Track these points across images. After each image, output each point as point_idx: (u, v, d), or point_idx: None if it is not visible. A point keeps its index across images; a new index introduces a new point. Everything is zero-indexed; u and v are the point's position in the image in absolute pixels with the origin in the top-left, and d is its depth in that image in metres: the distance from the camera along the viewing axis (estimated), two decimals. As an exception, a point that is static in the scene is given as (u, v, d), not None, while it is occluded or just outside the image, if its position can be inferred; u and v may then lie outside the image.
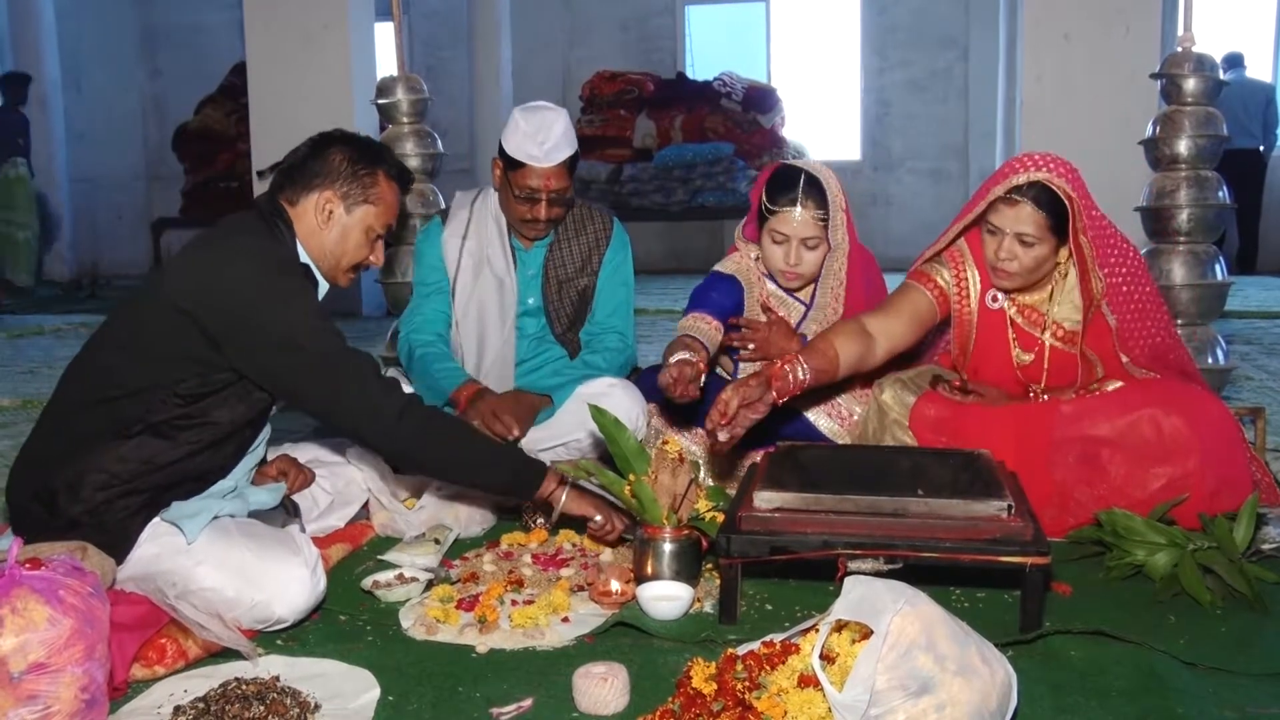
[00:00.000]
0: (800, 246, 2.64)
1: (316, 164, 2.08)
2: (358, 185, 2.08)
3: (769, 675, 1.49)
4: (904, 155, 10.42)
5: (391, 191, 2.13)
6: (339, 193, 2.07)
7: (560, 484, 2.13)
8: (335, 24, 6.88)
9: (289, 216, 2.07)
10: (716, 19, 11.03)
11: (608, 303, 2.93)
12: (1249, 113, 8.46)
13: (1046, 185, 2.36)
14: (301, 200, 2.07)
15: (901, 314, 2.55)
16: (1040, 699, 1.65)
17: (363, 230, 2.10)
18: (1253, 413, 2.85)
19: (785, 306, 2.83)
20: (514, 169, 2.70)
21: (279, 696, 1.60)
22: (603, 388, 2.76)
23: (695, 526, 2.09)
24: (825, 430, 2.78)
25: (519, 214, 2.76)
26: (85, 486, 1.86)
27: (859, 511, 1.97)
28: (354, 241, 2.10)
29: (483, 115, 9.77)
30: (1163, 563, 2.07)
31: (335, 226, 2.08)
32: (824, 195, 2.62)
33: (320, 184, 2.07)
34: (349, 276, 2.15)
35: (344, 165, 2.08)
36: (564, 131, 2.70)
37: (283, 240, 2.04)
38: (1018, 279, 2.48)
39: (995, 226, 2.43)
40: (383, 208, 2.12)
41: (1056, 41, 5.72)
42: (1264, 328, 5.95)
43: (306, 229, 2.08)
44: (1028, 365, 2.59)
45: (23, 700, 1.45)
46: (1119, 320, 2.45)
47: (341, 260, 2.11)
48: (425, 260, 2.92)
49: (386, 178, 2.12)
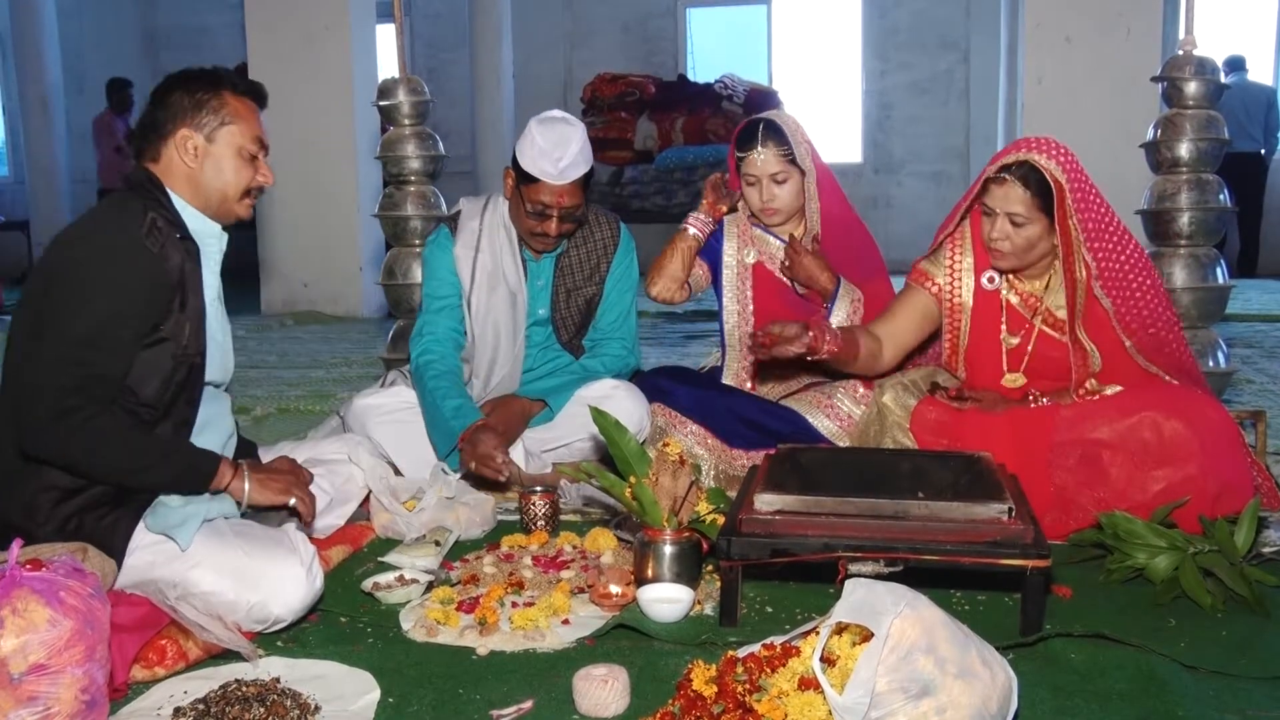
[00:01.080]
0: (770, 183, 2.85)
1: (161, 113, 2.03)
2: (208, 112, 2.03)
3: (769, 678, 1.49)
4: (905, 158, 10.42)
5: (244, 105, 2.08)
6: (193, 126, 2.02)
7: (236, 473, 2.01)
8: (336, 26, 6.90)
9: (158, 179, 2.02)
10: (717, 21, 11.04)
11: (613, 310, 2.92)
12: (1250, 116, 8.46)
13: (1036, 166, 2.39)
14: (162, 153, 2.03)
15: (903, 315, 2.68)
16: (1041, 702, 1.65)
17: (234, 153, 2.05)
18: (1253, 416, 2.85)
19: (767, 246, 3.00)
20: (527, 183, 2.67)
21: (279, 698, 1.60)
22: (605, 390, 2.76)
23: (696, 529, 2.09)
24: (825, 431, 2.80)
25: (528, 227, 2.73)
26: (41, 508, 1.87)
27: (859, 514, 1.97)
28: (230, 167, 2.05)
29: (484, 117, 9.79)
30: (1164, 566, 2.07)
31: (205, 160, 2.03)
32: (782, 133, 2.84)
33: (172, 127, 2.02)
34: (246, 205, 2.11)
35: (186, 100, 2.03)
36: (580, 149, 2.66)
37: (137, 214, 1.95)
38: (1012, 259, 2.49)
39: (988, 206, 2.47)
40: (243, 124, 2.06)
41: (1057, 44, 5.73)
42: (1265, 331, 5.95)
43: (178, 178, 2.03)
44: (1014, 348, 2.59)
45: (23, 701, 1.45)
46: (1114, 303, 2.45)
47: (227, 191, 2.06)
48: (436, 273, 2.87)
49: (234, 94, 2.07)
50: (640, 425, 2.75)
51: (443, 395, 2.70)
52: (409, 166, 4.08)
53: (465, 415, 2.67)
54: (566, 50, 10.99)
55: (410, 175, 4.09)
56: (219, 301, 2.12)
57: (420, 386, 2.78)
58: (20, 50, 9.92)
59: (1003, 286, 2.60)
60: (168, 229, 1.97)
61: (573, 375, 2.88)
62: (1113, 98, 5.38)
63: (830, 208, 2.94)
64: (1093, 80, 5.48)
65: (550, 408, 2.83)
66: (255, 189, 2.11)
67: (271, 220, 7.26)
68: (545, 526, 2.49)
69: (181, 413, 2.01)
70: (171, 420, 1.99)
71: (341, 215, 7.05)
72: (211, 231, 2.08)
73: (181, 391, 1.99)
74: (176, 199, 2.03)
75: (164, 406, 1.97)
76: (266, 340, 6.20)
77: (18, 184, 10.74)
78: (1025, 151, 2.41)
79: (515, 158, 2.70)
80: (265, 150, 2.12)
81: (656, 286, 2.98)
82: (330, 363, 5.33)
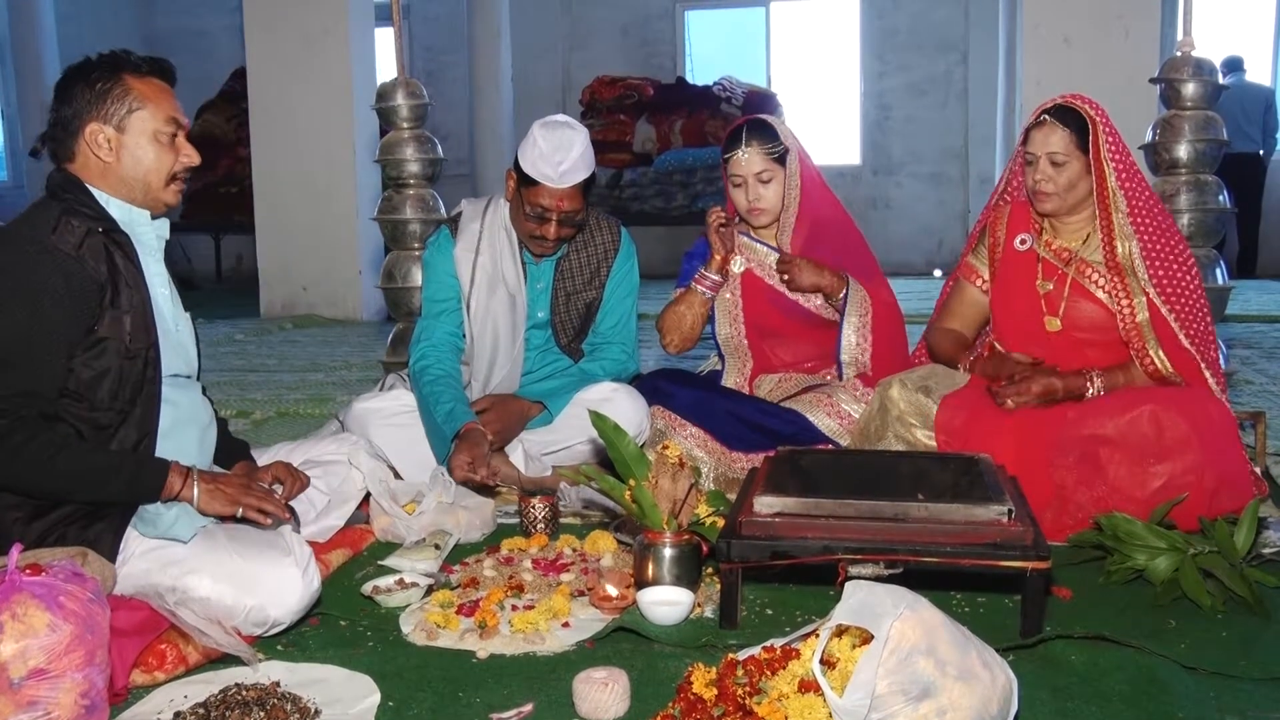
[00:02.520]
0: (755, 182, 2.87)
1: (66, 109, 1.93)
2: (113, 100, 1.93)
3: (769, 680, 1.49)
4: (904, 159, 10.41)
5: (150, 86, 1.97)
6: (100, 118, 1.92)
7: (186, 480, 1.92)
8: (335, 29, 6.89)
9: (76, 178, 1.94)
10: (716, 23, 11.03)
11: (613, 315, 2.92)
12: (1248, 117, 8.46)
13: (1070, 108, 2.59)
14: (76, 151, 1.94)
15: (969, 307, 2.86)
16: (1041, 704, 1.65)
17: (148, 139, 1.95)
18: (1253, 417, 2.85)
19: (755, 253, 3.00)
20: (527, 186, 2.66)
21: (279, 702, 1.59)
22: (605, 393, 2.76)
23: (695, 531, 2.09)
24: (826, 430, 2.80)
25: (528, 230, 2.73)
26: (12, 528, 1.83)
27: (859, 516, 1.97)
28: (148, 154, 1.96)
29: (483, 120, 9.79)
30: (1163, 567, 2.07)
31: (120, 151, 1.94)
32: (766, 131, 2.87)
33: (79, 124, 1.93)
34: (173, 191, 2.00)
35: (87, 92, 1.92)
36: (582, 153, 2.66)
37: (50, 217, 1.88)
38: (1054, 199, 2.62)
39: (1030, 154, 2.62)
40: (152, 106, 1.95)
41: (1056, 45, 5.73)
42: (1264, 332, 5.95)
43: (94, 173, 1.94)
44: (1050, 293, 2.67)
45: (23, 706, 1.45)
46: (1141, 241, 2.55)
47: (150, 179, 1.97)
48: (436, 276, 2.87)
49: (136, 77, 1.95)
50: (640, 429, 2.75)
51: (435, 400, 2.70)
52: (408, 169, 4.08)
53: (455, 419, 2.65)
54: (565, 53, 10.99)
55: (409, 178, 4.09)
56: (168, 289, 2.06)
57: (417, 392, 2.78)
58: (19, 54, 9.91)
59: (1037, 245, 2.71)
60: (84, 225, 1.89)
61: (571, 378, 2.88)
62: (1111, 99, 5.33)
63: (821, 210, 2.95)
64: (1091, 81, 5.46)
65: (549, 411, 2.83)
66: (181, 172, 2.01)
67: (270, 224, 7.26)
68: (545, 529, 2.49)
69: (144, 412, 1.95)
70: (133, 422, 1.93)
71: (340, 218, 7.05)
72: (141, 220, 2.00)
73: (140, 390, 1.93)
74: (99, 194, 1.95)
75: (121, 408, 1.91)
76: (265, 344, 6.20)
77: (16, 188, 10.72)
78: (1061, 99, 2.64)
79: (517, 160, 2.70)
80: (183, 129, 2.00)
81: (674, 345, 3.00)
82: (329, 366, 5.33)
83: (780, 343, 3.02)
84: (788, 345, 3.02)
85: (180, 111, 2.01)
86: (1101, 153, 2.55)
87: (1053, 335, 2.65)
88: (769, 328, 3.00)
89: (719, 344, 3.06)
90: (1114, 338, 2.59)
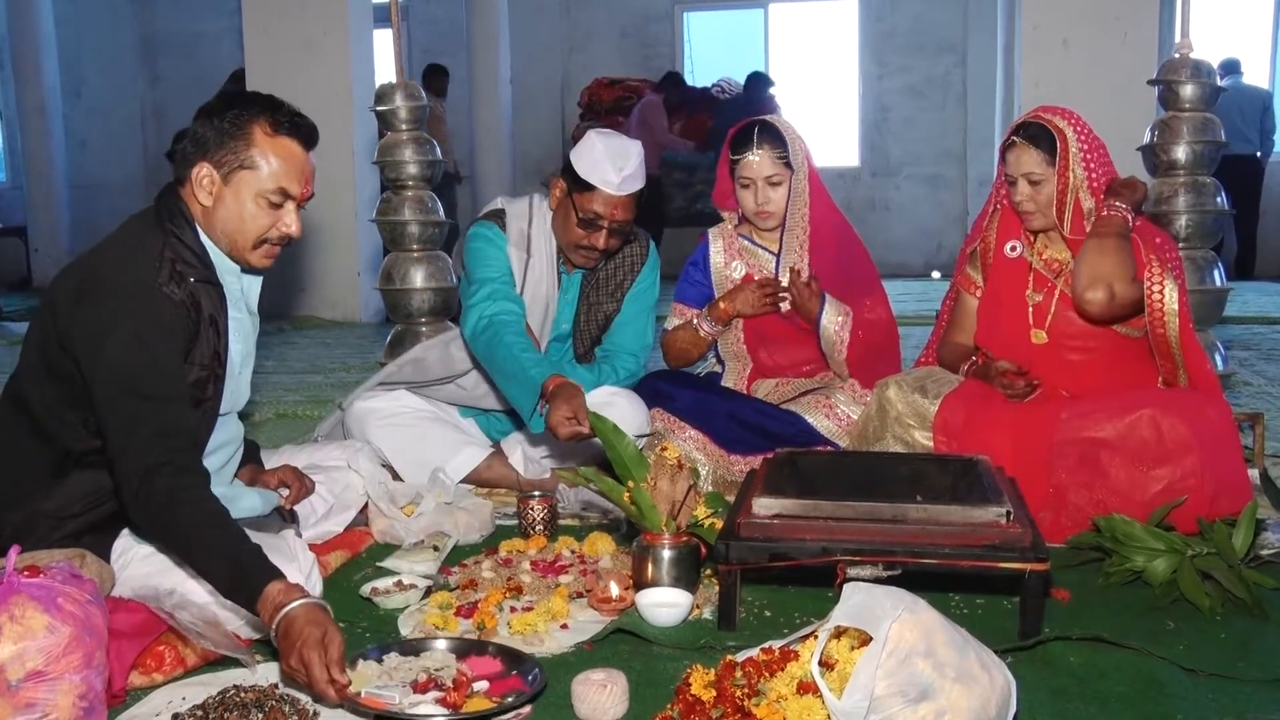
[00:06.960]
0: (765, 185, 2.86)
1: (196, 132, 1.85)
2: (229, 149, 1.83)
3: (768, 682, 1.49)
4: (902, 161, 10.42)
5: (278, 146, 1.85)
6: (213, 161, 1.83)
7: (277, 609, 1.62)
8: (334, 31, 6.89)
9: (183, 205, 1.87)
10: (715, 25, 11.04)
11: (629, 325, 2.89)
12: (1246, 119, 8.46)
13: (1041, 124, 2.56)
14: (188, 178, 1.86)
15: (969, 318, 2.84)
16: (1040, 705, 1.65)
17: (252, 198, 1.84)
18: (1251, 418, 2.85)
19: (756, 259, 3.00)
20: (582, 190, 2.60)
21: (278, 704, 1.59)
22: (605, 396, 2.76)
23: (694, 533, 2.09)
24: (825, 431, 2.81)
25: (575, 239, 2.66)
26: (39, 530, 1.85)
27: (858, 518, 1.97)
28: (247, 213, 1.85)
29: (482, 122, 9.78)
30: (1162, 568, 2.07)
31: (218, 201, 1.84)
32: (778, 135, 2.86)
33: (196, 156, 1.84)
34: (260, 254, 1.90)
35: (209, 131, 1.83)
36: (640, 164, 2.63)
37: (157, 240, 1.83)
38: (1040, 218, 2.61)
39: (1009, 174, 2.62)
40: (266, 170, 1.84)
41: (1054, 47, 5.73)
42: (1262, 333, 5.95)
43: (198, 210, 1.86)
44: (1038, 304, 2.66)
45: (21, 708, 1.45)
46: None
47: (238, 238, 1.87)
48: (491, 261, 2.72)
49: (267, 133, 1.84)
50: (640, 432, 2.74)
51: (521, 348, 2.55)
52: (406, 172, 4.08)
53: (545, 369, 2.51)
54: (564, 55, 10.99)
55: (408, 180, 4.09)
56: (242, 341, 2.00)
57: (487, 341, 2.58)
58: (18, 56, 9.91)
59: (1027, 253, 2.69)
60: (189, 272, 1.85)
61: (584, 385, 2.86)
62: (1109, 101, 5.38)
63: (823, 216, 2.94)
64: (1089, 83, 5.48)
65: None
66: (276, 239, 1.90)
67: (269, 225, 7.26)
68: (543, 531, 2.49)
69: None
70: None
71: (339, 220, 7.03)
72: (230, 270, 1.94)
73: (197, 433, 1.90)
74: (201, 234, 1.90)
75: None
76: (264, 345, 6.15)
77: (15, 190, 10.72)
78: (1030, 116, 2.61)
79: (570, 165, 2.64)
80: (295, 199, 1.89)
81: (674, 365, 3.06)
82: (328, 368, 5.32)
83: (778, 347, 3.02)
84: (785, 350, 3.02)
85: (303, 180, 1.89)
86: (1068, 168, 2.53)
87: (1037, 347, 2.65)
88: (767, 333, 3.00)
89: (717, 348, 3.06)
90: (1099, 348, 2.59)
